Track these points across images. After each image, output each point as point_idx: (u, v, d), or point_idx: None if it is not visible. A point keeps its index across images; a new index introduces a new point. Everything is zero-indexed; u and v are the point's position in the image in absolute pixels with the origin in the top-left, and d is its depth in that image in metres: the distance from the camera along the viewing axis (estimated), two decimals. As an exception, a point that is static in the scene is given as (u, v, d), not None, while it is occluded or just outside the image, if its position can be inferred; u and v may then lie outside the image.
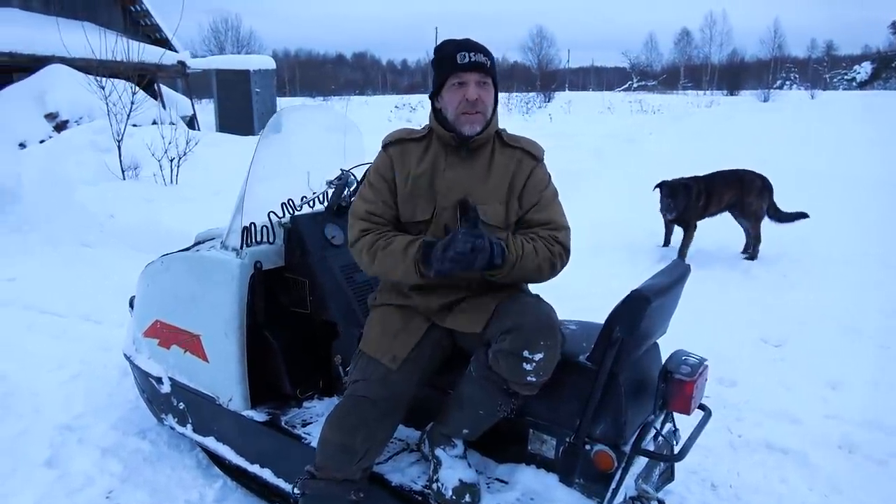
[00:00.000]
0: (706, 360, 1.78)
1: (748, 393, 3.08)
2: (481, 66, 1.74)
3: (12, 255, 5.22)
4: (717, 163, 5.99)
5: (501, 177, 1.81)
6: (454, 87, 1.76)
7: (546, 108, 24.26)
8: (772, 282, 4.78)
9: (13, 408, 2.79)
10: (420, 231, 1.82)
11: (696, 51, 60.24)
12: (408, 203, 1.82)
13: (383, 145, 1.91)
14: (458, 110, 1.76)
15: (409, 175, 1.82)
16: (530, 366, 1.61)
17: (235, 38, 43.02)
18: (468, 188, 1.78)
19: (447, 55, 1.77)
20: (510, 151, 1.85)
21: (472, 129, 1.77)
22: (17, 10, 9.75)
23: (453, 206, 1.77)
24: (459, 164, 1.82)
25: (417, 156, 1.84)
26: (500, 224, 1.79)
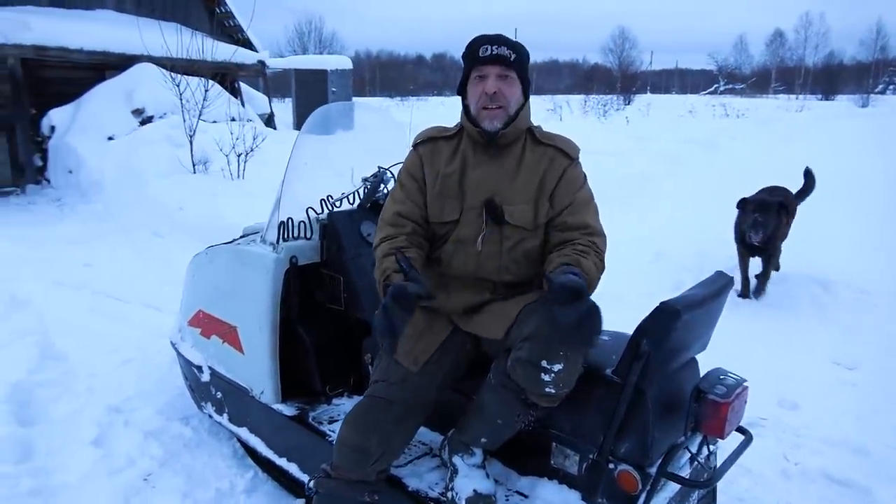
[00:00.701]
0: (745, 381, 1.65)
1: (810, 418, 2.86)
2: (502, 58, 1.69)
3: (92, 241, 5.55)
4: (798, 171, 5.61)
5: (531, 175, 1.74)
6: (476, 81, 1.74)
7: (624, 111, 23.64)
8: (851, 300, 4.44)
9: (71, 387, 2.93)
10: (448, 231, 1.78)
11: (790, 53, 57.25)
12: (436, 202, 1.79)
13: (414, 144, 1.88)
14: (480, 104, 1.72)
15: (439, 174, 1.79)
16: (548, 376, 1.53)
17: (318, 39, 44.19)
18: (495, 187, 1.73)
19: (472, 49, 1.73)
20: (542, 149, 1.78)
21: (491, 125, 1.72)
22: (112, 11, 10.36)
23: (480, 206, 1.73)
24: (488, 161, 1.76)
25: (448, 154, 1.81)
26: (527, 225, 1.73)
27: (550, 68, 78.36)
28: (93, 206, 6.72)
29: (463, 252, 1.76)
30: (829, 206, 6.31)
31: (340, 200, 2.43)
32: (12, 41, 8.24)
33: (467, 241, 1.74)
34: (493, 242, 1.73)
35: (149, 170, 6.05)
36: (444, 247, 1.79)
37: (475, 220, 1.73)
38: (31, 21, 8.51)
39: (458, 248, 1.76)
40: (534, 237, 1.74)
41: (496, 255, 1.73)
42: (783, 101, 33.90)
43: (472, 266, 1.76)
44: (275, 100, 14.94)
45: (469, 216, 1.74)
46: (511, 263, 1.75)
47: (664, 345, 1.51)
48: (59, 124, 8.58)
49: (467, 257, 1.75)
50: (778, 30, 59.22)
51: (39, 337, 3.16)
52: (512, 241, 1.73)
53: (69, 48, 8.86)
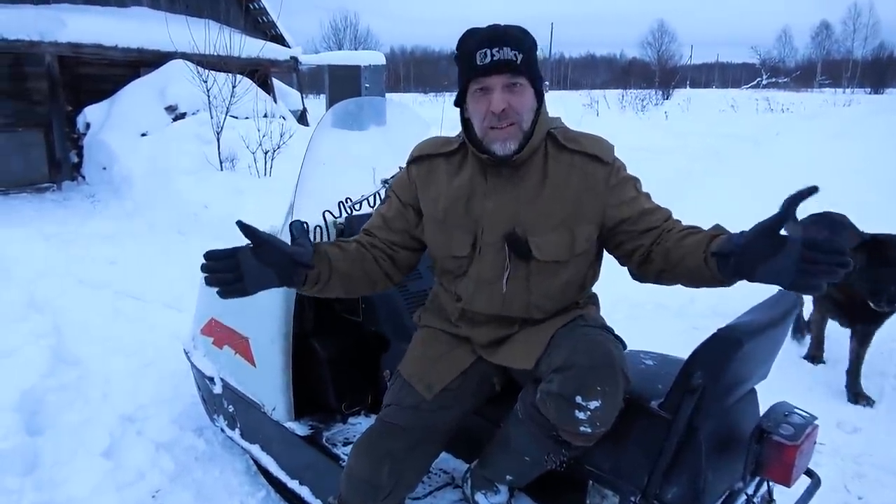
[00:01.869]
0: (816, 420, 1.42)
1: (874, 444, 2.60)
2: (508, 64, 1.35)
3: (119, 238, 5.51)
4: (854, 170, 5.25)
5: (560, 197, 1.44)
6: (477, 95, 1.40)
7: (663, 106, 23.07)
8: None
9: (84, 392, 2.83)
10: (462, 266, 1.52)
11: (837, 45, 55.35)
12: (440, 234, 1.52)
13: (408, 162, 1.61)
14: (486, 124, 1.40)
15: (440, 198, 1.51)
16: (584, 414, 1.32)
17: (353, 35, 44.36)
18: (515, 215, 1.45)
19: (466, 53, 1.39)
20: (569, 158, 1.46)
21: (504, 148, 1.41)
22: (147, 8, 10.41)
23: (500, 241, 1.46)
24: (502, 186, 1.46)
25: (448, 175, 1.53)
26: (562, 258, 1.46)
27: (587, 63, 77.35)
28: (124, 203, 6.72)
29: (486, 292, 1.51)
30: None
31: (360, 203, 2.26)
32: (48, 39, 8.31)
33: (489, 280, 1.50)
34: (519, 280, 1.48)
35: (176, 167, 6.00)
36: (462, 282, 1.55)
37: (496, 257, 1.47)
38: (66, 19, 8.57)
39: (479, 288, 1.51)
40: (571, 266, 1.49)
41: (524, 294, 1.49)
42: (829, 94, 32.71)
43: (498, 307, 1.52)
44: (310, 96, 14.92)
45: (488, 253, 1.48)
46: (542, 300, 1.51)
47: (721, 378, 1.30)
48: (94, 121, 8.65)
49: (491, 297, 1.51)
50: (824, 21, 57.41)
51: (55, 340, 3.08)
52: (542, 276, 1.48)
53: (105, 45, 8.91)
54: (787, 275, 1.09)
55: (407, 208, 1.58)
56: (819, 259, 1.06)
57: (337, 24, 45.22)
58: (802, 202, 1.11)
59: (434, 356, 1.59)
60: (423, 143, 1.62)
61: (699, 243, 1.29)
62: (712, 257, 1.22)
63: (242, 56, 7.71)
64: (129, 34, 9.22)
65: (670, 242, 1.37)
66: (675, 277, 1.39)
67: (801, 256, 1.07)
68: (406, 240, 1.59)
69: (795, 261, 1.08)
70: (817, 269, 1.06)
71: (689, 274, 1.33)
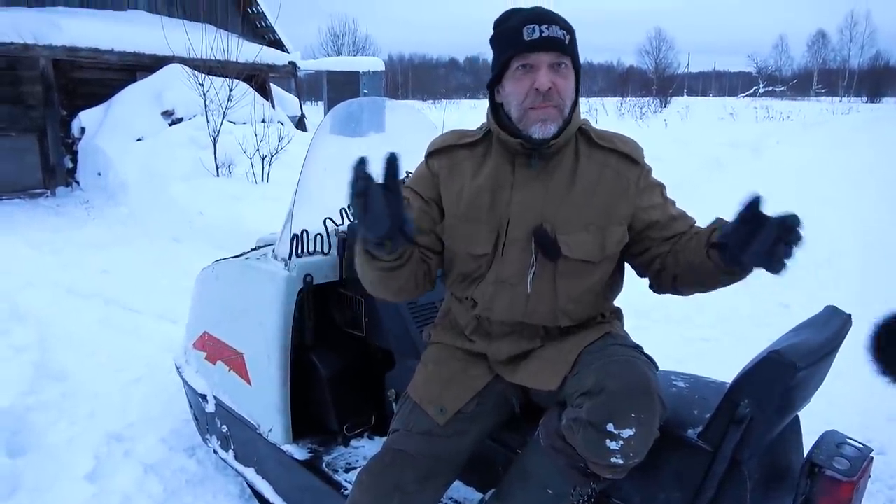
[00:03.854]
0: (871, 451, 1.28)
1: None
2: (557, 43, 1.28)
3: (113, 246, 5.37)
4: (860, 178, 5.15)
5: (591, 194, 1.36)
6: (519, 73, 1.31)
7: (661, 114, 23.02)
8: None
9: (69, 411, 2.68)
10: (480, 267, 1.40)
11: (833, 54, 55.58)
12: (461, 230, 1.40)
13: (427, 154, 1.48)
14: (526, 104, 1.31)
15: (463, 192, 1.40)
16: (616, 444, 1.18)
17: (352, 42, 44.33)
18: (543, 211, 1.35)
19: (510, 29, 1.31)
20: (601, 156, 1.39)
21: (544, 131, 1.31)
22: (144, 12, 10.29)
23: (527, 237, 1.35)
24: (531, 177, 1.37)
25: (472, 166, 1.42)
26: (592, 258, 1.36)
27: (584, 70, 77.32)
28: (118, 210, 6.58)
29: (507, 295, 1.39)
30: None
31: (363, 210, 2.12)
32: (43, 42, 8.18)
33: (512, 280, 1.38)
34: (545, 280, 1.37)
35: (171, 172, 5.86)
36: (479, 286, 1.42)
37: (520, 255, 1.36)
38: (62, 22, 8.44)
39: (500, 290, 1.39)
40: (600, 268, 1.39)
41: (550, 296, 1.38)
42: (827, 103, 32.76)
43: (520, 312, 1.39)
44: (308, 102, 14.81)
45: (513, 251, 1.37)
46: (570, 304, 1.39)
47: (772, 408, 1.16)
48: (89, 126, 8.51)
49: (513, 301, 1.39)
50: (821, 30, 57.71)
51: (38, 354, 2.93)
52: (570, 278, 1.37)
53: (101, 49, 8.78)
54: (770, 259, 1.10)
55: (431, 205, 1.43)
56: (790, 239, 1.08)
57: (335, 30, 45.18)
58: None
59: (446, 376, 1.45)
60: (441, 137, 1.50)
61: (700, 239, 1.28)
62: (713, 250, 1.22)
63: (240, 60, 7.60)
64: (125, 38, 9.09)
65: (679, 246, 1.35)
66: (689, 282, 1.35)
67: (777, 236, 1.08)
68: (434, 242, 1.43)
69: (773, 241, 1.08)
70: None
71: (698, 273, 1.30)
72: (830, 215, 6.72)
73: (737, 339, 3.46)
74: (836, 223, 6.41)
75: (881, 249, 5.45)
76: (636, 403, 1.18)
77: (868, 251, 5.40)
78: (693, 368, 1.63)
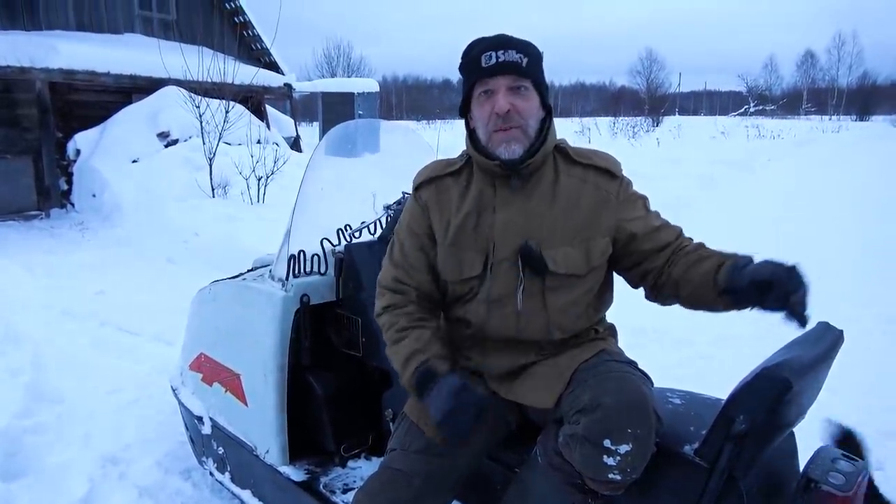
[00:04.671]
0: (867, 466, 1.29)
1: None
2: (512, 66, 1.33)
3: (108, 268, 5.37)
4: (851, 195, 5.21)
5: (572, 209, 1.40)
6: (482, 99, 1.37)
7: (654, 133, 23.25)
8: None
9: (64, 434, 2.66)
10: (472, 289, 1.43)
11: (822, 73, 56.30)
12: (451, 258, 1.44)
13: (414, 188, 1.53)
14: (490, 127, 1.36)
15: (451, 221, 1.44)
16: (613, 460, 1.19)
17: (346, 63, 44.65)
18: (527, 229, 1.38)
19: (472, 58, 1.37)
20: (579, 171, 1.42)
21: (509, 152, 1.35)
22: (140, 35, 10.40)
23: (513, 255, 1.38)
24: (512, 198, 1.40)
25: (458, 194, 1.45)
26: (578, 271, 1.39)
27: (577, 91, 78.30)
28: (113, 231, 6.59)
29: (499, 313, 1.41)
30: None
31: (360, 230, 2.14)
32: (40, 65, 8.25)
33: (503, 300, 1.40)
34: (534, 296, 1.39)
35: (166, 194, 5.88)
36: (471, 306, 1.44)
37: (508, 274, 1.39)
38: (59, 45, 8.52)
39: (491, 310, 1.41)
40: (588, 281, 1.42)
41: (540, 311, 1.40)
42: (817, 122, 33.13)
43: (513, 328, 1.41)
44: (303, 124, 14.90)
45: (500, 270, 1.39)
46: (561, 318, 1.41)
47: (767, 423, 1.17)
48: (84, 148, 8.55)
49: (505, 319, 1.41)
50: (809, 50, 58.55)
51: (32, 376, 2.90)
52: (559, 292, 1.39)
53: (97, 72, 8.87)
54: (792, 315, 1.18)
55: (421, 238, 1.48)
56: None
57: (330, 52, 45.51)
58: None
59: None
60: (426, 168, 1.54)
61: (707, 273, 1.32)
62: (722, 291, 1.29)
63: (236, 82, 7.68)
64: (121, 61, 9.18)
65: (680, 268, 1.37)
66: (688, 304, 1.41)
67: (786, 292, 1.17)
68: (431, 272, 1.49)
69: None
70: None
71: (701, 303, 1.37)
72: (822, 232, 6.78)
73: (736, 357, 3.46)
74: (829, 240, 6.47)
75: (873, 264, 5.49)
76: (632, 419, 1.19)
77: (859, 266, 5.43)
78: (693, 387, 1.64)
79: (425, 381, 1.36)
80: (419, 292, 1.49)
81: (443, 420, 1.30)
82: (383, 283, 1.53)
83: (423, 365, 1.38)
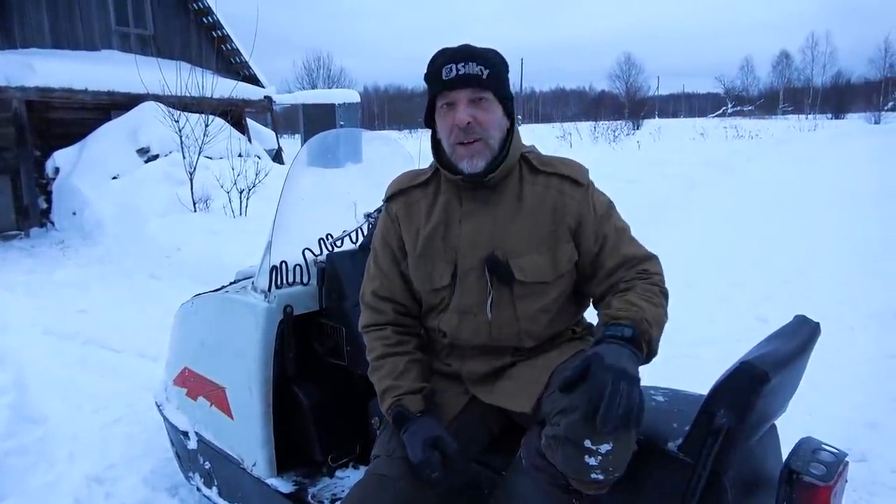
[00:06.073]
0: (846, 456, 1.31)
1: (884, 472, 2.49)
2: (472, 79, 1.34)
3: (90, 285, 5.31)
4: (829, 191, 5.29)
5: (537, 217, 1.41)
6: (444, 111, 1.39)
7: (634, 136, 23.44)
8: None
9: (48, 454, 2.63)
10: (443, 299, 1.46)
11: (797, 73, 57.23)
12: (421, 269, 1.47)
13: (385, 200, 1.56)
14: (452, 140, 1.38)
15: (419, 233, 1.47)
16: (594, 460, 1.19)
17: (327, 75, 44.67)
18: (493, 239, 1.40)
19: (434, 70, 1.38)
20: (545, 180, 1.43)
21: (472, 165, 1.37)
22: (117, 51, 10.32)
23: (480, 266, 1.40)
24: (478, 209, 1.42)
25: (426, 206, 1.48)
26: (546, 278, 1.40)
27: (557, 96, 78.76)
28: (94, 249, 6.51)
29: (471, 323, 1.44)
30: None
31: (341, 239, 2.14)
32: (16, 84, 8.15)
33: (473, 310, 1.43)
34: (503, 306, 1.41)
35: (148, 209, 5.84)
36: (444, 316, 1.47)
37: (477, 284, 1.41)
38: (35, 63, 8.43)
39: (463, 320, 1.44)
40: (556, 287, 1.43)
41: (511, 320, 1.42)
42: (794, 121, 33.59)
43: (485, 336, 1.44)
44: (285, 136, 14.85)
45: (468, 280, 1.42)
46: (531, 325, 1.43)
47: (747, 416, 1.18)
48: (63, 166, 8.45)
49: (477, 328, 1.43)
50: (784, 51, 59.46)
51: (15, 397, 2.87)
52: (528, 300, 1.41)
53: (74, 89, 8.78)
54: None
55: (393, 249, 1.52)
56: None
57: (310, 63, 45.52)
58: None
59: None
60: (396, 180, 1.57)
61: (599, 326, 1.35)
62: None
63: (215, 96, 7.65)
64: (99, 77, 9.10)
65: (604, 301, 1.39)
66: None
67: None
68: (407, 285, 1.52)
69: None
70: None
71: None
72: (802, 228, 6.88)
73: (718, 354, 3.50)
74: (809, 236, 6.56)
75: (852, 259, 5.58)
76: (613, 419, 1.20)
77: (839, 261, 5.51)
78: (678, 385, 1.65)
79: (400, 422, 1.40)
80: (396, 305, 1.52)
81: (417, 466, 1.33)
82: (364, 299, 1.57)
83: (396, 403, 1.41)
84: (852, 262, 5.49)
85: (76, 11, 9.97)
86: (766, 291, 4.76)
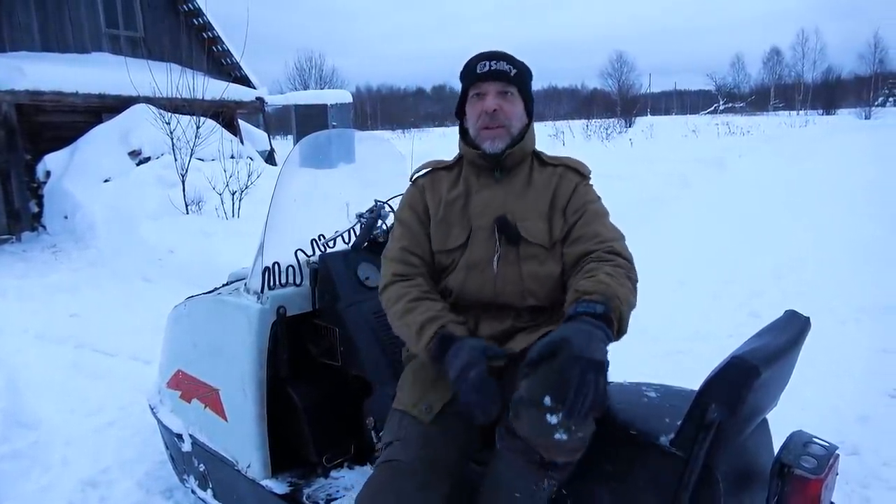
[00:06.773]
0: (837, 449, 1.32)
1: (876, 465, 2.51)
2: (502, 74, 1.57)
3: (82, 289, 5.28)
4: (820, 187, 5.32)
5: (542, 192, 1.61)
6: (474, 100, 1.61)
7: (627, 134, 23.51)
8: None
9: (41, 459, 2.62)
10: (454, 259, 1.60)
11: (788, 70, 57.48)
12: (439, 229, 1.63)
13: (412, 178, 1.76)
14: (479, 124, 1.60)
15: (441, 201, 1.65)
16: (555, 417, 1.19)
17: (319, 75, 44.55)
18: (505, 205, 1.59)
19: (469, 67, 1.62)
20: (551, 169, 1.66)
21: (493, 146, 1.58)
22: (107, 53, 10.27)
23: (490, 226, 1.56)
24: (494, 184, 1.63)
25: (449, 182, 1.68)
26: (543, 242, 1.56)
27: (549, 94, 78.80)
28: (86, 252, 6.48)
29: (477, 277, 1.56)
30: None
31: (333, 240, 2.14)
32: (5, 87, 8.10)
33: (480, 265, 1.56)
34: (510, 264, 1.55)
35: (140, 212, 5.81)
36: (452, 275, 1.60)
37: (486, 241, 1.57)
38: (25, 67, 8.38)
39: (470, 274, 1.57)
40: (552, 258, 1.56)
41: (516, 278, 1.54)
42: (785, 117, 33.74)
43: (490, 292, 1.55)
44: (277, 137, 14.82)
45: (479, 237, 1.58)
46: (534, 285, 1.54)
47: (739, 410, 1.19)
48: (54, 169, 8.41)
49: (483, 282, 1.56)
50: (774, 48, 59.69)
51: (8, 401, 2.86)
52: (532, 262, 1.55)
53: (64, 92, 8.73)
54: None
55: (419, 214, 1.66)
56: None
57: (302, 64, 45.36)
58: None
59: (430, 378, 1.51)
60: (424, 164, 1.77)
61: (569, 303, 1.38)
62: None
63: (206, 98, 7.62)
64: (89, 80, 9.06)
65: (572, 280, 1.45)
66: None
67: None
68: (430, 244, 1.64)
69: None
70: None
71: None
72: (793, 223, 6.92)
73: (711, 349, 3.52)
74: (800, 231, 6.60)
75: (843, 253, 5.61)
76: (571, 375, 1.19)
77: (830, 256, 5.54)
78: (672, 381, 1.66)
79: (444, 345, 1.41)
80: (423, 261, 1.62)
81: (462, 368, 1.33)
82: (389, 255, 1.64)
83: (441, 328, 1.44)
84: (844, 257, 5.52)
85: (65, 14, 9.91)
86: (759, 287, 4.78)
